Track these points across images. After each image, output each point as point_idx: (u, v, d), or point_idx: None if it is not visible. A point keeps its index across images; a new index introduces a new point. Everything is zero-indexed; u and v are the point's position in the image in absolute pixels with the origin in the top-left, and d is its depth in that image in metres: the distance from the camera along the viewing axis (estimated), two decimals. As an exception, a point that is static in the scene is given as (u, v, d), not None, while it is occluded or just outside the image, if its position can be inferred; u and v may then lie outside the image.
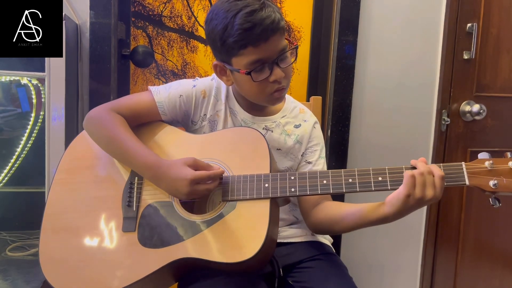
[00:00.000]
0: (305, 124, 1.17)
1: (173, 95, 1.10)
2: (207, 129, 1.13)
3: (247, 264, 0.89)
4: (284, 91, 1.06)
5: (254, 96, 1.06)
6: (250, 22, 0.93)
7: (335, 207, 1.06)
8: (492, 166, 0.90)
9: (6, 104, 1.55)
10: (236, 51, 0.97)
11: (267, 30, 0.94)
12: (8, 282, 1.23)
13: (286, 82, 1.04)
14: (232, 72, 1.03)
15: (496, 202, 0.91)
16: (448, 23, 1.75)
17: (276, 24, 0.96)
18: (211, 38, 1.01)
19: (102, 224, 1.00)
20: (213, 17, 0.98)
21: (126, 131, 1.04)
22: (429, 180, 0.88)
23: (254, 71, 0.98)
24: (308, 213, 1.10)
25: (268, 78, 1.00)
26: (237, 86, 1.08)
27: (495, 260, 1.95)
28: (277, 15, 0.97)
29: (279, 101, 1.08)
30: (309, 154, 1.15)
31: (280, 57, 0.99)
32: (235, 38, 0.94)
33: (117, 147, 1.03)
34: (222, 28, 0.95)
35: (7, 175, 1.50)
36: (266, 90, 1.02)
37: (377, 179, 0.93)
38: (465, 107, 1.81)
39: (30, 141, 1.48)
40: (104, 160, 1.07)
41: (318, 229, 1.13)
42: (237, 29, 0.93)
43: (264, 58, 0.98)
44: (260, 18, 0.93)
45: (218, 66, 1.05)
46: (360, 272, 1.83)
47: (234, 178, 0.99)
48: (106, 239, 0.98)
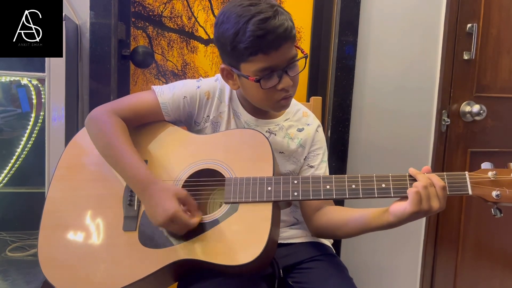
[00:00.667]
0: (308, 128, 1.16)
1: (177, 96, 1.09)
2: (209, 130, 1.13)
3: (248, 267, 0.89)
4: (291, 99, 1.05)
5: (260, 102, 1.05)
6: (263, 30, 0.92)
7: (337, 212, 1.06)
8: (495, 176, 0.90)
9: (6, 105, 1.55)
10: (246, 57, 0.96)
11: (279, 38, 0.93)
12: (8, 282, 1.22)
13: (293, 90, 1.03)
14: (239, 77, 1.02)
15: (497, 213, 0.91)
16: (448, 24, 1.75)
17: (288, 32, 0.95)
18: (220, 42, 0.99)
19: (103, 223, 1.00)
20: (224, 20, 0.96)
21: (124, 139, 1.02)
22: (433, 192, 0.88)
23: (263, 78, 0.97)
24: (310, 218, 1.10)
25: (276, 86, 0.99)
26: (243, 91, 1.07)
27: (495, 260, 1.95)
28: (289, 23, 0.96)
29: (285, 108, 1.08)
30: (311, 158, 1.15)
31: (289, 66, 0.99)
32: (246, 45, 0.93)
33: (112, 154, 1.01)
34: (233, 33, 0.94)
35: (7, 175, 1.49)
36: (274, 97, 1.01)
37: (381, 186, 0.93)
38: (465, 108, 1.81)
39: (30, 142, 1.48)
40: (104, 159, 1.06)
41: (320, 233, 1.13)
42: (249, 36, 0.92)
43: (273, 66, 0.97)
44: (273, 26, 0.92)
45: (225, 70, 1.04)
46: (360, 273, 1.83)
47: (236, 180, 0.98)
48: (106, 238, 0.98)
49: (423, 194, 0.87)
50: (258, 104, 1.07)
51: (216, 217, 0.96)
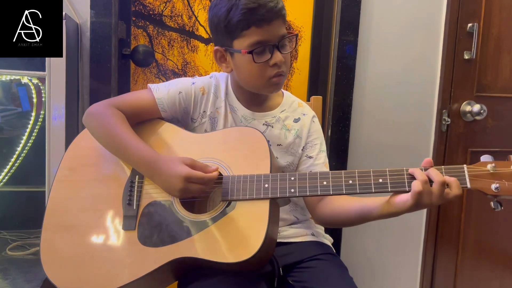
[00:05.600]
0: (304, 118, 1.18)
1: (172, 92, 1.11)
2: (208, 126, 1.13)
3: (246, 264, 0.89)
4: (283, 78, 1.07)
5: (253, 80, 1.07)
6: (255, 3, 0.97)
7: (340, 202, 1.07)
8: (495, 169, 0.88)
9: (6, 103, 1.55)
10: (239, 31, 1.00)
11: (270, 12, 0.99)
12: (8, 281, 1.23)
13: (285, 69, 1.06)
14: (232, 56, 1.06)
15: (498, 206, 0.89)
16: (448, 23, 1.75)
17: (279, 9, 1.01)
18: (214, 22, 1.04)
19: (103, 222, 1.00)
20: (217, 3, 1.02)
21: (125, 127, 1.04)
22: (435, 188, 0.88)
23: (255, 52, 1.01)
24: (314, 208, 1.12)
25: (268, 61, 1.02)
26: (236, 72, 1.09)
27: (495, 260, 1.95)
28: (280, 2, 1.02)
29: (277, 88, 1.09)
30: (309, 149, 1.16)
31: (281, 43, 1.03)
32: (239, 18, 0.98)
33: (116, 143, 1.04)
34: (226, 10, 0.99)
35: (8, 174, 1.50)
36: (266, 74, 1.04)
37: (378, 181, 0.93)
38: (466, 107, 1.81)
39: (30, 141, 1.48)
40: (106, 158, 1.07)
41: (324, 222, 1.16)
42: (242, 9, 0.97)
43: (266, 40, 1.01)
44: (265, 0, 0.98)
45: (219, 52, 1.08)
46: (360, 272, 1.83)
47: (234, 178, 0.99)
48: (106, 237, 0.99)
49: (425, 189, 0.87)
50: (251, 84, 1.09)
51: (214, 215, 0.96)
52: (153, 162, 0.99)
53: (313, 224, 1.21)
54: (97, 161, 1.07)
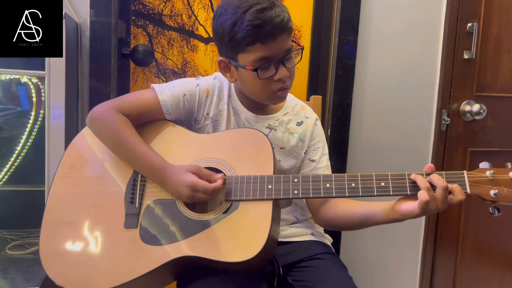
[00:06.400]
0: (307, 121, 1.18)
1: (177, 94, 1.10)
2: (210, 128, 1.13)
3: (248, 264, 0.90)
4: (287, 91, 1.07)
5: (257, 93, 1.07)
6: (260, 19, 0.94)
7: (344, 205, 1.07)
8: (493, 175, 0.91)
9: (6, 103, 1.55)
10: (244, 47, 0.98)
11: (276, 28, 0.96)
12: (8, 280, 1.23)
13: (290, 82, 1.05)
14: (236, 69, 1.04)
15: (495, 211, 0.92)
16: (448, 23, 1.75)
17: (285, 23, 0.98)
18: (218, 33, 1.02)
19: (104, 220, 1.00)
20: (222, 12, 0.99)
21: (132, 133, 1.04)
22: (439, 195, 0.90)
23: (260, 68, 0.99)
24: (317, 210, 1.12)
25: (273, 77, 1.01)
26: (240, 83, 1.08)
27: (494, 260, 1.95)
28: (286, 15, 0.99)
29: (281, 100, 1.09)
30: (312, 152, 1.16)
31: (286, 57, 1.01)
32: (244, 34, 0.95)
33: (124, 149, 1.04)
34: (231, 23, 0.96)
35: (7, 173, 1.50)
36: (270, 88, 1.03)
37: (380, 184, 0.94)
38: (465, 107, 1.81)
39: (30, 140, 1.48)
40: (107, 156, 1.07)
41: (327, 225, 1.16)
42: (247, 25, 0.95)
43: (270, 56, 0.99)
44: (270, 16, 0.95)
45: (223, 62, 1.06)
46: (359, 272, 1.84)
47: (237, 178, 0.99)
48: (108, 235, 0.98)
49: (431, 195, 0.89)
50: (255, 96, 1.08)
51: (217, 214, 0.97)
52: (161, 172, 1.00)
53: (313, 224, 1.22)
54: (98, 159, 1.07)
